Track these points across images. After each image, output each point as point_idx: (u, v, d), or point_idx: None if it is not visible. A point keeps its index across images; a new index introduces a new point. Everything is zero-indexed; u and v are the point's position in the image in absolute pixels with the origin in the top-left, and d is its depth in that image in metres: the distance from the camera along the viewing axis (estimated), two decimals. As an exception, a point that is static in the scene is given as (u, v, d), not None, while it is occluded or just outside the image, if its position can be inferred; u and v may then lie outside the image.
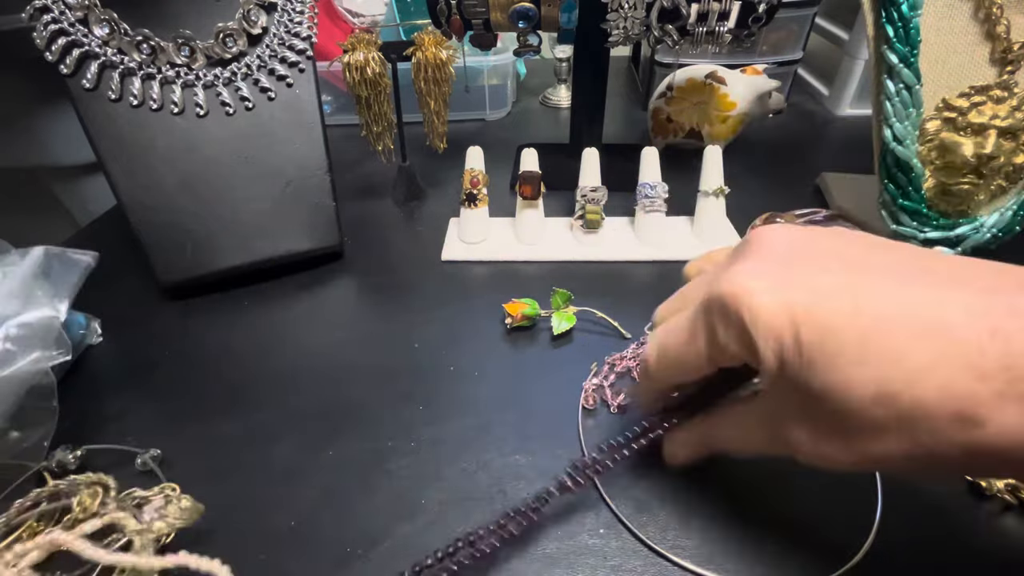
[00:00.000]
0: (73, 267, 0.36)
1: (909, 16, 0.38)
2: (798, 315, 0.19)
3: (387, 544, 0.27)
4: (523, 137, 0.67)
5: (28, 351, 0.31)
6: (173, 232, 0.43)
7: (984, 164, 0.39)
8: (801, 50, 0.71)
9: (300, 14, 0.45)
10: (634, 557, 0.27)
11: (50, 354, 0.32)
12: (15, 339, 0.31)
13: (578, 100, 0.58)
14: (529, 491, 0.30)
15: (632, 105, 0.81)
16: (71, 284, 0.36)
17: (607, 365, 0.37)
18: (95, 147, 0.40)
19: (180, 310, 0.44)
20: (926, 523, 0.27)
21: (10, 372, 0.30)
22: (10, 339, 0.31)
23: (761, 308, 0.19)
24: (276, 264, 0.46)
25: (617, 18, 0.48)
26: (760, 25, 0.48)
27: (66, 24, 0.38)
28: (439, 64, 0.49)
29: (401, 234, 0.53)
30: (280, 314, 0.44)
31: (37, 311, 0.33)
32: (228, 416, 0.35)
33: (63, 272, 0.36)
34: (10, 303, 0.32)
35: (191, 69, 0.41)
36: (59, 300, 0.35)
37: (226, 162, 0.43)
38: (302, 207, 0.46)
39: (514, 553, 0.27)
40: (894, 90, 0.39)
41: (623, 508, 0.28)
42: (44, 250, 0.36)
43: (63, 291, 0.35)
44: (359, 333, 0.42)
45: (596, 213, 0.48)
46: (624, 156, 0.55)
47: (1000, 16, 0.38)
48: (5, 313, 0.32)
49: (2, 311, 0.32)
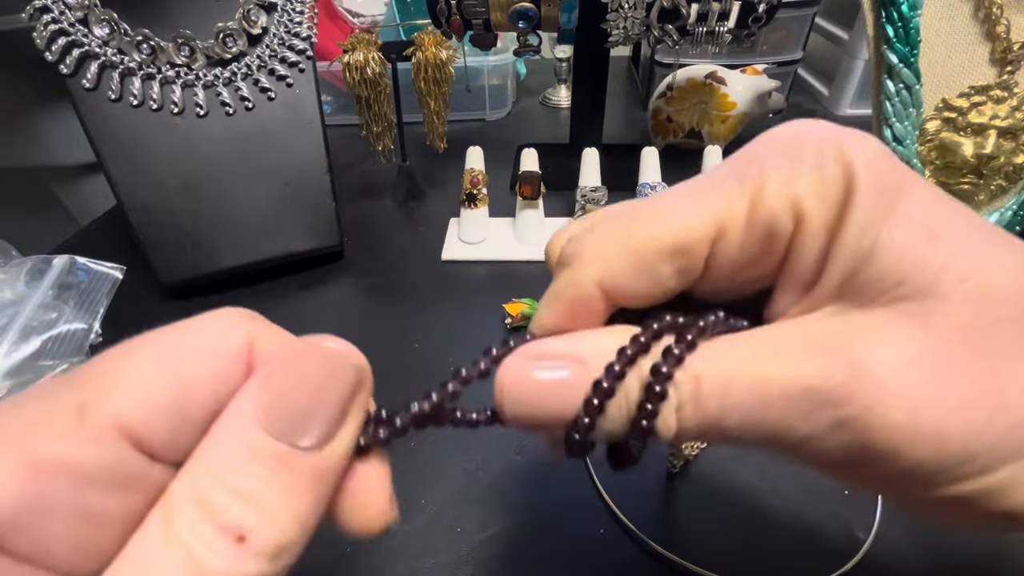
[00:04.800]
0: (103, 280, 0.37)
1: (909, 16, 0.38)
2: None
3: (387, 544, 0.27)
4: (523, 137, 0.67)
5: (59, 363, 0.32)
6: (173, 232, 0.43)
7: (984, 164, 0.39)
8: (801, 50, 0.71)
9: (300, 14, 0.45)
10: (634, 557, 0.27)
11: (76, 363, 0.33)
12: (50, 353, 0.32)
13: (578, 100, 0.58)
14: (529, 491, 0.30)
15: (632, 105, 0.81)
16: (101, 298, 0.36)
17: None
18: (95, 147, 0.40)
19: (180, 310, 0.43)
20: (925, 524, 0.27)
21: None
22: (45, 353, 0.32)
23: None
24: (276, 264, 0.46)
25: (617, 18, 0.48)
26: (760, 25, 0.48)
27: (66, 24, 0.38)
28: (439, 64, 0.49)
29: (401, 234, 0.53)
30: (280, 314, 0.43)
31: (69, 325, 0.33)
32: (228, 416, 0.35)
33: (93, 285, 0.36)
34: (45, 315, 0.33)
35: (191, 69, 0.41)
36: (91, 315, 0.35)
37: (226, 162, 0.43)
38: (302, 207, 0.46)
39: (514, 553, 0.27)
40: (894, 90, 0.39)
41: (623, 508, 0.28)
42: (70, 260, 0.36)
43: (94, 305, 0.36)
44: (359, 333, 0.41)
45: (596, 213, 0.48)
46: (624, 156, 0.55)
47: (1000, 16, 0.38)
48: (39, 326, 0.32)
49: (36, 323, 0.32)
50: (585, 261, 0.13)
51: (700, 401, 0.12)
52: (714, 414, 0.12)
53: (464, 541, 0.28)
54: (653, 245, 0.13)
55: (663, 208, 0.13)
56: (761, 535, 0.27)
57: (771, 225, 0.12)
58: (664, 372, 0.12)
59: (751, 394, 0.12)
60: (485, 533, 0.28)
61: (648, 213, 0.13)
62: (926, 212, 0.12)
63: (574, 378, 0.13)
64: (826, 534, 0.27)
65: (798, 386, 0.11)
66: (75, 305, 0.34)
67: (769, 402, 0.11)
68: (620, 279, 0.13)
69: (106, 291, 0.36)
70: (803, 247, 0.12)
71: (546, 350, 0.13)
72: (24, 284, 0.34)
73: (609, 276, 0.13)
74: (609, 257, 0.13)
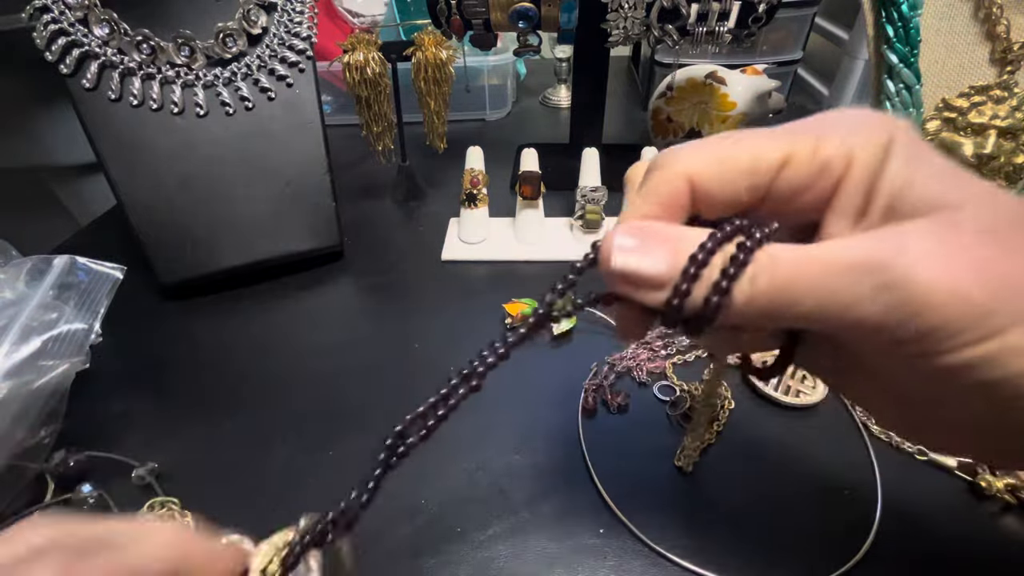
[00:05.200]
0: (104, 281, 0.37)
1: (909, 16, 0.38)
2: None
3: (387, 544, 0.27)
4: (523, 137, 0.67)
5: (59, 363, 0.32)
6: (173, 232, 0.43)
7: (984, 164, 0.39)
8: (801, 50, 0.71)
9: (300, 14, 0.45)
10: (634, 557, 0.27)
11: (76, 363, 0.33)
12: (50, 353, 0.32)
13: (578, 100, 0.58)
14: (529, 491, 0.30)
15: (632, 105, 0.81)
16: (101, 298, 0.36)
17: (607, 365, 0.37)
18: (95, 147, 0.40)
19: (180, 310, 0.44)
20: (925, 523, 0.27)
21: (43, 383, 0.31)
22: (46, 353, 0.32)
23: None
24: (276, 264, 0.46)
25: (617, 18, 0.48)
26: (760, 25, 0.48)
27: (66, 24, 0.38)
28: (439, 64, 0.49)
29: (401, 234, 0.53)
30: (280, 314, 0.44)
31: (70, 325, 0.33)
32: (228, 416, 0.35)
33: (93, 285, 0.36)
34: (45, 315, 0.33)
35: (191, 69, 0.41)
36: (92, 315, 0.35)
37: (226, 162, 0.43)
38: (302, 207, 0.46)
39: (514, 553, 0.27)
40: (894, 90, 0.39)
41: (623, 508, 0.28)
42: (70, 260, 0.36)
43: (95, 305, 0.36)
44: (359, 333, 0.42)
45: (596, 213, 0.48)
46: (624, 156, 0.55)
47: (1000, 16, 0.38)
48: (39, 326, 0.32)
49: (36, 323, 0.32)
50: (679, 161, 0.17)
51: (775, 271, 0.15)
52: (783, 284, 0.15)
53: (464, 541, 0.28)
54: (733, 161, 0.16)
55: (745, 138, 0.17)
56: (761, 535, 0.27)
57: (827, 163, 0.16)
58: (749, 245, 0.15)
59: (815, 266, 0.14)
60: (485, 533, 0.28)
61: (732, 139, 0.17)
62: (946, 162, 0.15)
63: (674, 252, 0.15)
64: (826, 534, 0.27)
65: (854, 259, 0.14)
66: (75, 305, 0.34)
67: (831, 272, 0.14)
68: (706, 181, 0.17)
69: (106, 291, 0.36)
70: (852, 183, 0.16)
71: (648, 226, 0.16)
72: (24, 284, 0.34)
73: (698, 176, 0.17)
74: (699, 162, 0.17)
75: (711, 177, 0.16)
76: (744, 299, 0.15)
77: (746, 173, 0.16)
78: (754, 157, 0.16)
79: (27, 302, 0.33)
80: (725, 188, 0.16)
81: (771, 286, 0.15)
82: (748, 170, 0.16)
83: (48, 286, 0.34)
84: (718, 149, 0.17)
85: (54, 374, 0.31)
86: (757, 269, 0.15)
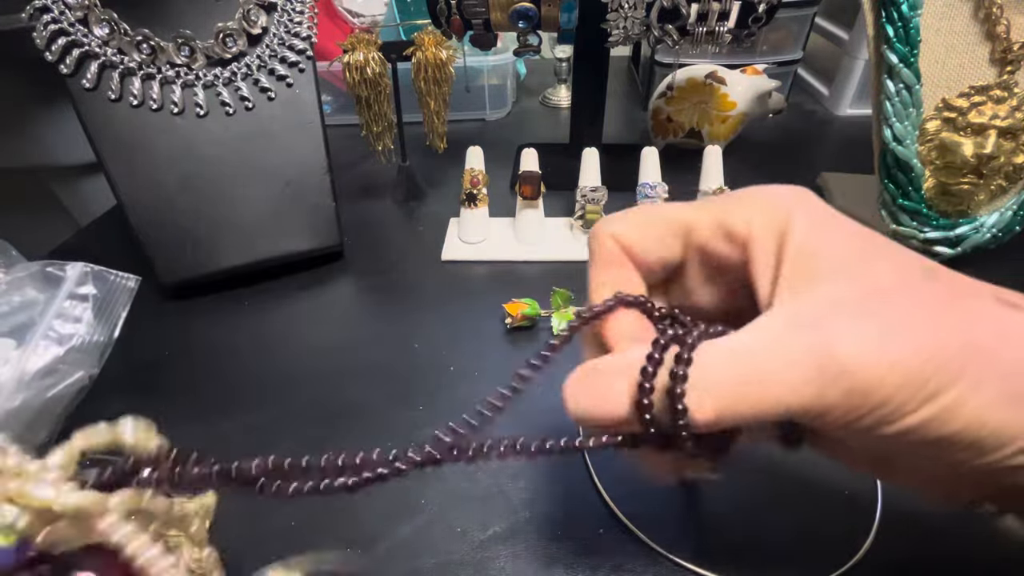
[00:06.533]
0: (120, 291, 0.37)
1: (909, 16, 0.38)
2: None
3: (387, 544, 0.27)
4: (523, 137, 0.67)
5: (76, 372, 0.33)
6: (173, 232, 0.43)
7: (984, 164, 0.39)
8: (801, 50, 0.71)
9: (300, 14, 0.45)
10: (634, 557, 0.27)
11: (91, 370, 0.34)
12: (67, 362, 0.32)
13: (578, 100, 0.58)
14: (529, 491, 0.30)
15: (632, 105, 0.81)
16: (118, 308, 0.36)
17: (607, 365, 0.37)
18: (95, 147, 0.40)
19: (180, 310, 0.44)
20: (925, 524, 0.27)
21: (57, 392, 0.31)
22: (65, 361, 0.32)
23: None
24: (276, 264, 0.46)
25: (617, 18, 0.48)
26: (760, 25, 0.48)
27: (66, 24, 0.38)
28: (439, 64, 0.49)
29: (401, 234, 0.53)
30: (280, 314, 0.44)
31: (89, 336, 0.34)
32: (228, 416, 0.35)
33: (110, 294, 0.36)
34: (63, 326, 0.33)
35: (191, 69, 0.41)
36: (110, 326, 0.36)
37: (226, 162, 0.43)
38: (302, 207, 0.46)
39: (514, 553, 0.27)
40: (894, 90, 0.39)
41: (623, 508, 0.28)
42: (85, 268, 0.36)
43: (113, 316, 0.36)
44: (359, 333, 0.42)
45: (596, 213, 0.48)
46: (624, 156, 0.55)
47: (1000, 16, 0.38)
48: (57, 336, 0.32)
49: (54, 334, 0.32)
50: (607, 226, 0.20)
51: (719, 392, 0.15)
52: (730, 403, 0.15)
53: (464, 541, 0.28)
54: (649, 225, 0.20)
55: (662, 206, 0.20)
56: (761, 535, 0.27)
57: (730, 233, 0.18)
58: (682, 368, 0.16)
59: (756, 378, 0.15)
60: (485, 533, 0.28)
61: (653, 208, 0.20)
62: (855, 225, 0.17)
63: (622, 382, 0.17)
64: (826, 534, 0.27)
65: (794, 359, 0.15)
66: (94, 315, 0.35)
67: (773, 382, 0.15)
68: (631, 240, 0.19)
69: (123, 301, 0.37)
70: (760, 251, 0.17)
71: (594, 364, 0.19)
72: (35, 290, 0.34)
73: (623, 236, 0.19)
74: (622, 225, 0.20)
75: (635, 237, 0.19)
76: (704, 420, 0.16)
77: (661, 234, 0.19)
78: (666, 220, 0.19)
79: (40, 310, 0.33)
80: (648, 246, 0.19)
81: (720, 406, 0.15)
82: (663, 232, 0.19)
83: (64, 295, 0.34)
84: (637, 214, 0.20)
85: (69, 382, 0.32)
86: (700, 389, 0.16)
